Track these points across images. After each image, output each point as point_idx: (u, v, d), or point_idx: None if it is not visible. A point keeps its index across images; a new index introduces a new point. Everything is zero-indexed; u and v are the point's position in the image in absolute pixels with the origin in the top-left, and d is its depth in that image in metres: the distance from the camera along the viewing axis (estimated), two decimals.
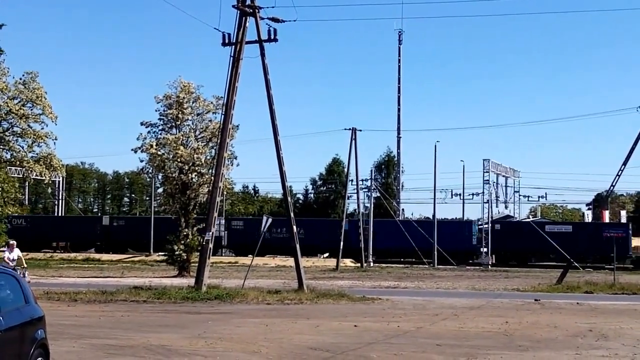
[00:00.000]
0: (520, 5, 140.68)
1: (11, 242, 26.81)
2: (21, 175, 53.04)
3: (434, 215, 64.51)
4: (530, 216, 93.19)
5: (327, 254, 64.60)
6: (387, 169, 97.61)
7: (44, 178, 50.59)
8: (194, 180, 43.11)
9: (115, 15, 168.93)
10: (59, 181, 79.70)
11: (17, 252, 26.07)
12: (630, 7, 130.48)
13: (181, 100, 43.21)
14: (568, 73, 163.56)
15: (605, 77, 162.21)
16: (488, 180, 67.88)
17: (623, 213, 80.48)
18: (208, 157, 42.67)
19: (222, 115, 30.51)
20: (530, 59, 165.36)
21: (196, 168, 43.02)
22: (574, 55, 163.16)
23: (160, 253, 56.63)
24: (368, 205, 68.15)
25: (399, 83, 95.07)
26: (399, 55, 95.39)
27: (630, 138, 39.22)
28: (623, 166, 38.65)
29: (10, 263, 24.90)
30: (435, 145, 63.85)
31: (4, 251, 28.84)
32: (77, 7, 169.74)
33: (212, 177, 30.89)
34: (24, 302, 10.60)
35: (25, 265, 25.79)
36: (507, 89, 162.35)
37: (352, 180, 64.85)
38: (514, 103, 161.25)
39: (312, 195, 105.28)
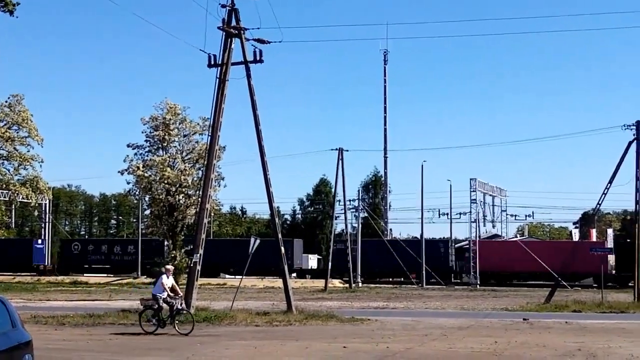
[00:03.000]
0: (506, 25, 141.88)
1: (168, 267, 24.57)
2: (7, 198, 52.79)
3: (421, 235, 64.56)
4: (518, 235, 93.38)
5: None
6: (375, 189, 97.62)
7: (30, 201, 50.46)
8: (181, 201, 43.03)
9: (100, 38, 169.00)
10: (45, 204, 79.14)
11: (172, 280, 23.59)
12: (616, 27, 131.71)
13: (168, 122, 43.22)
14: (554, 92, 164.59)
15: (591, 96, 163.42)
16: (475, 199, 68.03)
17: (610, 231, 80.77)
18: (195, 179, 42.63)
19: (209, 137, 30.49)
20: (516, 78, 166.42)
21: (183, 189, 42.95)
22: (560, 75, 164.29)
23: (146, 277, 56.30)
24: (356, 225, 68.14)
25: (385, 103, 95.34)
26: (385, 75, 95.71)
27: (616, 156, 39.28)
28: (609, 184, 38.75)
29: (167, 290, 22.74)
30: (422, 165, 64.21)
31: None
32: (63, 30, 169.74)
33: (200, 199, 30.84)
34: (11, 327, 10.49)
35: (181, 294, 23.53)
36: (493, 109, 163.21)
37: (339, 201, 64.91)
38: (501, 122, 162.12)
39: (299, 215, 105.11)
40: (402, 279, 64.48)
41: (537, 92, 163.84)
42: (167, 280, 23.08)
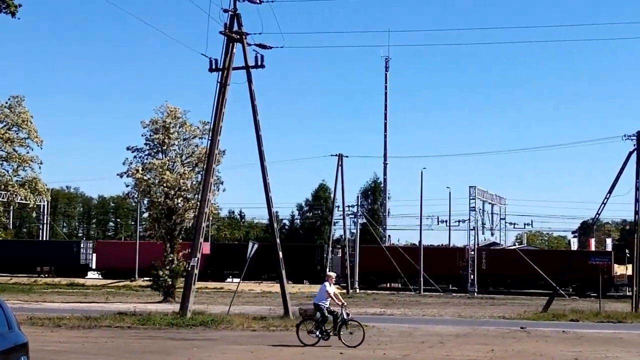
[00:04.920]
0: (506, 35, 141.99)
1: (330, 273, 22.95)
2: (5, 200, 52.75)
3: (420, 242, 64.49)
4: (517, 243, 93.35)
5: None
6: (374, 195, 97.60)
7: (28, 202, 50.42)
8: (179, 205, 42.97)
9: (102, 41, 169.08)
10: (43, 205, 79.20)
11: (334, 287, 22.06)
12: (616, 37, 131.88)
13: (167, 125, 43.20)
14: (554, 102, 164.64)
15: (592, 106, 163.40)
16: (474, 207, 67.99)
17: (609, 241, 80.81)
18: (194, 182, 42.60)
19: (209, 141, 30.51)
20: (517, 87, 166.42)
21: (182, 193, 42.91)
22: (560, 85, 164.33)
23: (145, 278, 56.17)
24: (354, 231, 68.09)
25: (385, 110, 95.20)
26: (386, 82, 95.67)
27: (615, 166, 39.32)
28: (609, 194, 38.75)
29: (331, 297, 21.17)
30: (422, 172, 64.05)
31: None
32: (64, 33, 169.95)
33: (198, 203, 30.82)
34: (7, 328, 10.47)
35: (345, 302, 21.64)
36: (493, 117, 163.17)
37: (338, 206, 64.84)
38: (501, 131, 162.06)
39: (298, 221, 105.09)
40: (400, 285, 64.40)
41: (538, 101, 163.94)
42: (330, 288, 21.33)
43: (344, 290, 59.57)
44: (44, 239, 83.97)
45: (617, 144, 40.57)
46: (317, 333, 21.01)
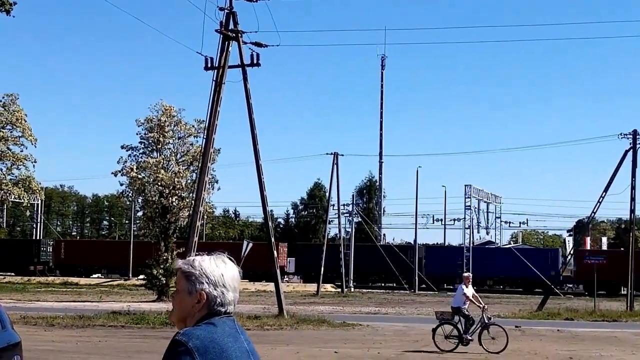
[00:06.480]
0: (501, 33, 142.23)
1: (466, 274, 21.47)
2: None
3: (415, 241, 64.51)
4: (512, 242, 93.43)
5: None
6: (369, 194, 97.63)
7: (22, 201, 50.15)
8: (174, 204, 42.85)
9: (96, 39, 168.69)
10: (37, 204, 78.91)
11: (472, 289, 20.39)
12: (612, 36, 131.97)
13: (162, 124, 43.08)
14: (550, 100, 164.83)
15: (588, 105, 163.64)
16: (469, 206, 68.05)
17: (604, 240, 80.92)
18: (189, 181, 42.50)
19: (204, 139, 30.42)
20: (511, 86, 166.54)
21: (177, 192, 42.79)
22: (556, 83, 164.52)
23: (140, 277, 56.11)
24: (349, 229, 68.06)
25: (381, 108, 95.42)
26: (382, 81, 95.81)
27: (611, 165, 39.40)
28: (604, 193, 38.78)
29: (470, 299, 19.91)
30: (417, 171, 64.05)
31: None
32: (58, 31, 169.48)
33: (193, 201, 30.74)
34: (0, 328, 10.41)
35: (484, 305, 20.38)
36: (488, 116, 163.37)
37: (333, 205, 64.79)
38: (496, 129, 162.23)
39: (293, 219, 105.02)
40: (395, 284, 64.40)
41: (534, 99, 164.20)
42: (468, 290, 19.94)
43: (339, 289, 59.66)
44: (38, 238, 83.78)
45: (613, 143, 40.80)
46: (455, 338, 19.89)
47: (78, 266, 70.07)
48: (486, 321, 19.83)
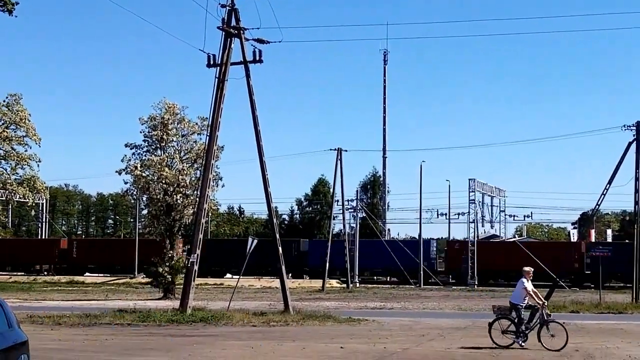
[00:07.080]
0: (505, 26, 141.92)
1: (527, 269, 20.30)
2: (4, 198, 52.69)
3: (419, 235, 64.47)
4: (516, 235, 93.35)
5: None
6: (373, 189, 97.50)
7: (27, 200, 50.30)
8: (178, 201, 42.89)
9: (99, 37, 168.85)
10: (42, 203, 79.11)
11: (530, 284, 19.79)
12: (615, 27, 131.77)
13: (166, 122, 43.10)
14: (553, 93, 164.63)
15: (591, 97, 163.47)
16: (474, 199, 67.88)
17: (609, 232, 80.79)
18: (193, 179, 42.53)
19: (207, 137, 30.43)
20: (516, 79, 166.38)
21: (181, 189, 42.83)
22: (560, 76, 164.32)
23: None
24: (354, 225, 68.06)
25: (384, 103, 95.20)
26: (384, 76, 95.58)
27: (615, 157, 39.39)
28: (608, 185, 38.70)
29: (529, 294, 19.46)
30: (421, 165, 63.96)
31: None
32: (61, 31, 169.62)
33: (197, 199, 30.76)
34: (7, 327, 10.46)
35: (544, 301, 20.04)
36: (492, 109, 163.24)
37: (337, 201, 64.78)
38: (500, 123, 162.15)
39: (297, 215, 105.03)
40: (400, 279, 64.39)
41: (537, 92, 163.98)
42: (528, 284, 19.49)
43: (344, 285, 59.74)
44: (44, 237, 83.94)
45: (617, 135, 40.60)
46: (512, 334, 19.53)
47: (89, 264, 69.98)
48: (545, 318, 19.44)
